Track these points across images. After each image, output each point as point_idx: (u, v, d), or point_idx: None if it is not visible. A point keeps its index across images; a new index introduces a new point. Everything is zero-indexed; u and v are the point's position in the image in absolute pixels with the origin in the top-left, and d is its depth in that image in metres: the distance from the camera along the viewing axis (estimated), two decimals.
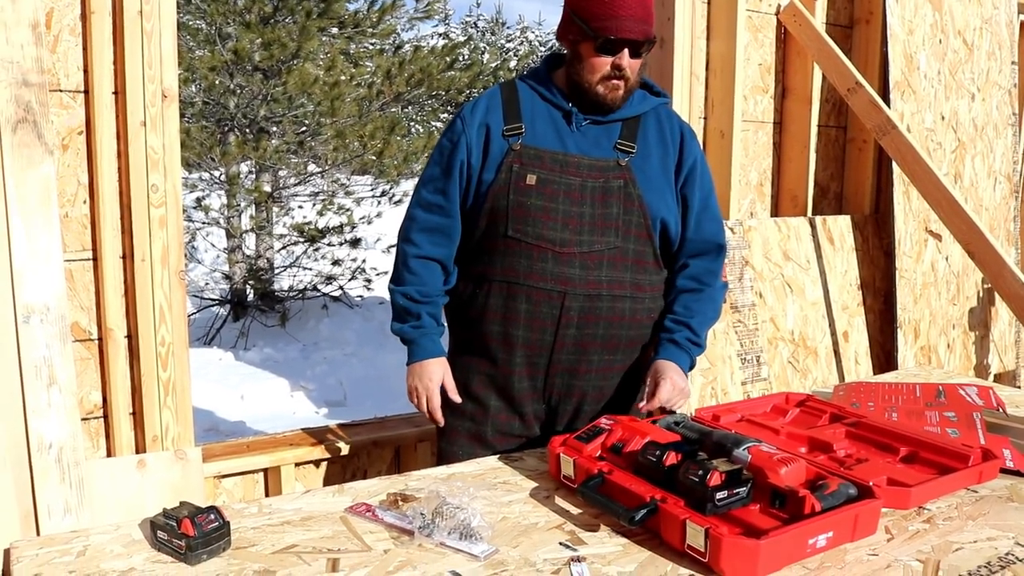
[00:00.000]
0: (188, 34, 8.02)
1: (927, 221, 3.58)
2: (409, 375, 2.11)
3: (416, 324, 2.08)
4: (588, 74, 1.93)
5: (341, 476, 2.66)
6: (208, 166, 8.33)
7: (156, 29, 2.17)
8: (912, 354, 3.53)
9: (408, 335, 2.09)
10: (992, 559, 1.39)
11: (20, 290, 2.01)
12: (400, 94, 8.79)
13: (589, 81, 1.93)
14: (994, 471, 1.73)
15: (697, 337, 2.04)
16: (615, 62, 1.90)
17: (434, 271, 2.08)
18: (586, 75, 1.93)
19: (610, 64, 1.90)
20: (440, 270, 2.09)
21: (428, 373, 2.08)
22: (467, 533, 1.40)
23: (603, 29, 1.87)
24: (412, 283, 2.07)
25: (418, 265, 2.07)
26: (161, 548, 1.36)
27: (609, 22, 1.86)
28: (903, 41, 3.48)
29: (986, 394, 2.23)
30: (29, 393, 2.01)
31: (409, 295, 2.07)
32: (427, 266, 2.07)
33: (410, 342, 2.10)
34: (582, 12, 1.90)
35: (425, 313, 2.08)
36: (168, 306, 2.27)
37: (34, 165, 2.02)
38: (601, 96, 1.94)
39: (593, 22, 1.88)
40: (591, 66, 1.92)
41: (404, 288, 2.08)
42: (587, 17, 1.89)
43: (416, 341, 2.09)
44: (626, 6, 1.85)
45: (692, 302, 2.06)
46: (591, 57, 1.91)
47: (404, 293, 2.08)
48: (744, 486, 1.45)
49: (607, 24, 1.86)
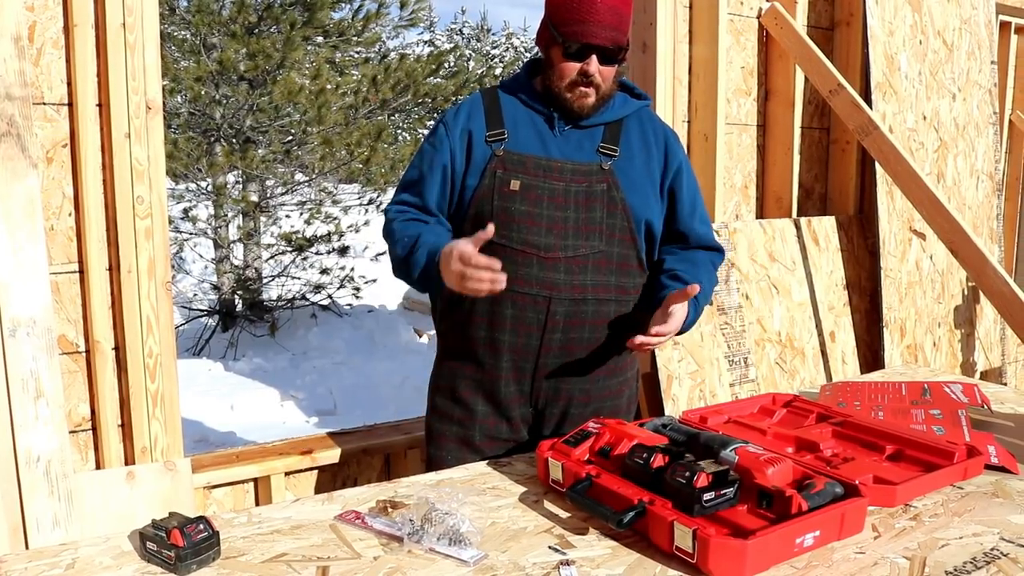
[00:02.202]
0: (173, 44, 8.02)
1: (911, 220, 3.61)
2: (444, 274, 1.84)
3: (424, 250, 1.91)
4: (557, 80, 1.94)
5: (331, 484, 2.66)
6: (195, 176, 8.32)
7: (139, 41, 2.18)
8: (899, 353, 3.56)
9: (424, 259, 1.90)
10: (978, 554, 1.40)
11: (6, 303, 2.00)
12: (386, 102, 8.79)
13: (559, 87, 1.94)
14: (979, 467, 1.74)
15: (704, 295, 2.01)
16: (582, 68, 1.90)
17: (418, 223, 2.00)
18: (556, 81, 1.94)
19: (578, 70, 1.91)
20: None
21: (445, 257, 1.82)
22: (456, 539, 1.41)
23: (570, 34, 1.88)
24: (405, 229, 1.96)
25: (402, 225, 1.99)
26: (151, 559, 1.36)
27: (577, 27, 1.87)
28: (883, 42, 3.51)
29: (971, 391, 2.25)
30: (16, 407, 2.01)
31: (405, 244, 1.94)
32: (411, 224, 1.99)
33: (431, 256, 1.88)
34: (553, 17, 1.91)
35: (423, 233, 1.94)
36: (155, 317, 2.27)
37: (18, 178, 2.02)
38: (569, 102, 1.95)
39: (562, 27, 1.89)
40: (560, 72, 1.93)
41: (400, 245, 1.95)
42: (557, 22, 1.90)
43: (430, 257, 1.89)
44: (595, 12, 1.86)
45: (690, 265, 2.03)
46: (560, 63, 1.92)
47: (401, 245, 1.95)
48: (731, 487, 1.46)
49: (575, 29, 1.87)
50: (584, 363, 2.02)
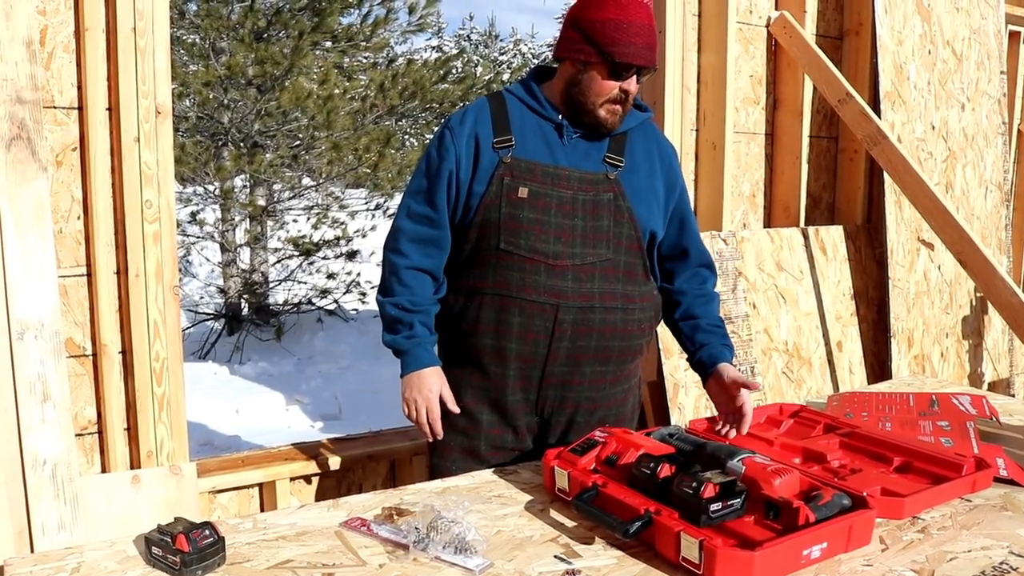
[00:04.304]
0: (182, 49, 8.04)
1: (919, 230, 3.60)
2: (405, 387, 2.06)
3: (409, 334, 2.04)
4: (594, 96, 1.93)
5: (336, 490, 2.66)
6: (202, 180, 8.33)
7: (150, 46, 2.18)
8: (906, 363, 3.54)
9: (402, 346, 2.05)
10: (987, 568, 1.39)
11: (14, 306, 2.01)
12: (394, 107, 8.80)
13: (593, 103, 1.94)
14: (988, 480, 1.73)
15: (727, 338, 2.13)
16: (623, 87, 1.92)
17: (424, 282, 2.05)
18: (592, 96, 1.94)
19: (618, 88, 1.92)
20: (431, 281, 2.06)
21: (426, 384, 2.03)
22: (462, 547, 1.40)
23: (618, 54, 1.88)
24: (402, 294, 2.04)
25: (408, 276, 2.04)
26: (156, 564, 1.36)
27: (624, 48, 1.88)
28: (893, 52, 3.50)
29: (979, 403, 2.24)
30: (23, 409, 2.01)
31: (400, 305, 2.03)
32: (417, 277, 2.04)
33: (404, 353, 2.05)
34: (597, 36, 1.90)
35: (418, 322, 2.04)
36: (162, 321, 2.27)
37: (28, 181, 2.02)
38: (602, 119, 1.95)
39: (609, 47, 1.88)
40: (600, 89, 1.93)
41: (394, 299, 2.04)
42: (603, 41, 1.89)
43: (410, 352, 2.04)
44: (640, 34, 1.88)
45: (714, 308, 2.15)
46: (602, 80, 1.92)
47: (395, 304, 2.04)
48: (738, 498, 1.45)
49: (622, 50, 1.88)
50: (591, 371, 2.02)
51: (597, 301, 1.96)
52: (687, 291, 2.14)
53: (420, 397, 2.02)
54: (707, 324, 2.10)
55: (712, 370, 2.04)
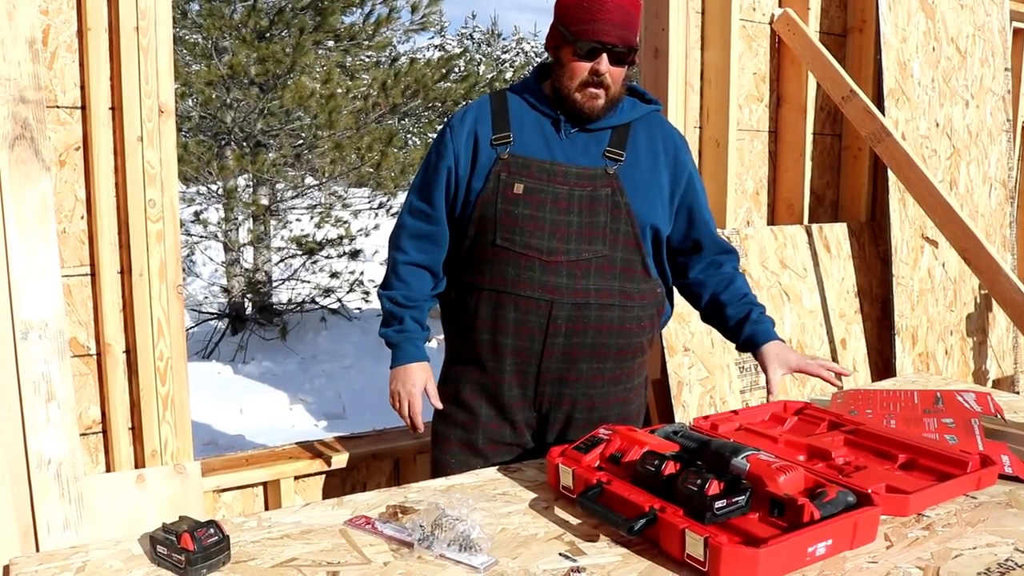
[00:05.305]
0: (184, 48, 8.05)
1: (923, 228, 3.59)
2: (392, 379, 2.12)
3: (400, 328, 2.10)
4: (568, 80, 1.94)
5: (340, 489, 2.66)
6: (205, 180, 8.34)
7: (152, 45, 2.18)
8: (910, 361, 3.54)
9: (392, 339, 2.11)
10: (992, 565, 1.39)
11: (18, 306, 2.01)
12: (396, 106, 8.81)
13: (568, 87, 1.94)
14: (993, 477, 1.73)
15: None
16: (593, 67, 1.90)
17: (422, 277, 2.11)
18: (566, 81, 1.94)
19: (588, 70, 1.91)
20: (428, 276, 2.11)
21: (411, 378, 2.09)
22: (467, 545, 1.40)
23: (581, 33, 1.88)
24: (398, 288, 2.10)
25: (406, 271, 2.10)
26: (161, 563, 1.36)
27: (587, 25, 1.87)
28: (896, 49, 3.49)
29: (984, 400, 2.23)
30: (28, 409, 2.01)
31: (394, 299, 2.10)
32: (414, 272, 2.10)
33: (394, 346, 2.11)
34: (563, 17, 1.92)
35: (409, 317, 2.10)
36: (166, 320, 2.27)
37: (31, 181, 2.03)
38: (579, 104, 1.94)
39: (573, 26, 1.89)
40: (571, 71, 1.93)
41: (391, 293, 2.11)
42: (567, 22, 1.90)
43: (400, 345, 2.11)
44: (605, 10, 1.86)
45: (737, 286, 2.13)
46: (571, 62, 1.92)
47: (390, 297, 2.11)
48: (743, 495, 1.45)
49: (585, 28, 1.87)
50: (587, 368, 2.02)
51: (593, 298, 1.96)
52: (705, 281, 2.13)
53: (403, 391, 2.10)
54: (733, 311, 2.10)
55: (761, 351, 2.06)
